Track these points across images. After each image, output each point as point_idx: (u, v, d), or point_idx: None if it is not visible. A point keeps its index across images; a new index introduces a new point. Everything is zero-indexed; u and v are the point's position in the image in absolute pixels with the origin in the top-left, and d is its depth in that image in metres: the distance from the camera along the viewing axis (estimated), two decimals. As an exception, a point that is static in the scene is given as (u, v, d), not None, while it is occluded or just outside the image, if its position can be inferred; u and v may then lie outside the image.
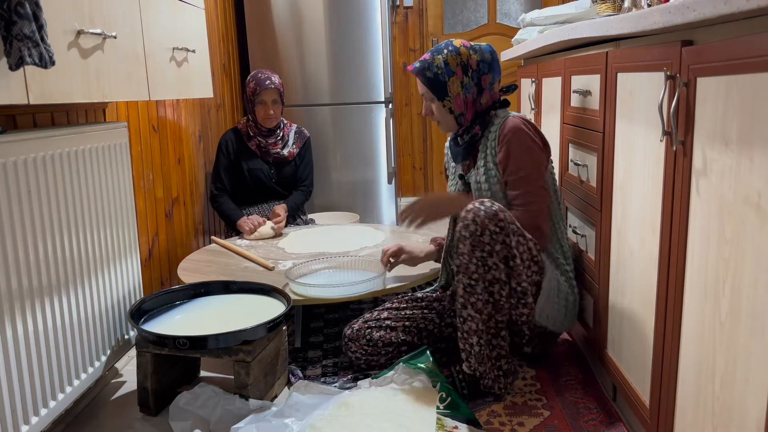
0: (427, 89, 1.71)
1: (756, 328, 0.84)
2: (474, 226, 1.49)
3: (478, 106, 1.71)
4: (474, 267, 1.51)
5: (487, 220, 1.49)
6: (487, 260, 1.51)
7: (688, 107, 1.03)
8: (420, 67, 1.70)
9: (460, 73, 1.67)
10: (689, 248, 1.05)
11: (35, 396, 1.35)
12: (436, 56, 1.69)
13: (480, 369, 1.56)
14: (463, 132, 1.74)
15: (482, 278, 1.51)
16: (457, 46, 1.69)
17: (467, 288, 1.53)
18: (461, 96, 1.69)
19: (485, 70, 1.69)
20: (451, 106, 1.70)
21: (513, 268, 1.54)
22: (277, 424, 1.42)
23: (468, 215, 1.51)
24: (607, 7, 1.81)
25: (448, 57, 1.67)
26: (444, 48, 1.69)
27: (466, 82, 1.68)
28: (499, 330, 1.56)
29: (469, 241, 1.50)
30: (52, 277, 1.42)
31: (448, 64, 1.67)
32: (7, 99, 1.02)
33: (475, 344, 1.54)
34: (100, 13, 1.32)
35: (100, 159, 1.64)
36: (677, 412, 1.12)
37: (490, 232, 1.49)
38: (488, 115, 1.73)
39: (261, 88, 2.62)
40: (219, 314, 1.71)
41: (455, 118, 1.72)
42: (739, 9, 0.78)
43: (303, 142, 2.84)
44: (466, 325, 1.55)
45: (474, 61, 1.68)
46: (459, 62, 1.67)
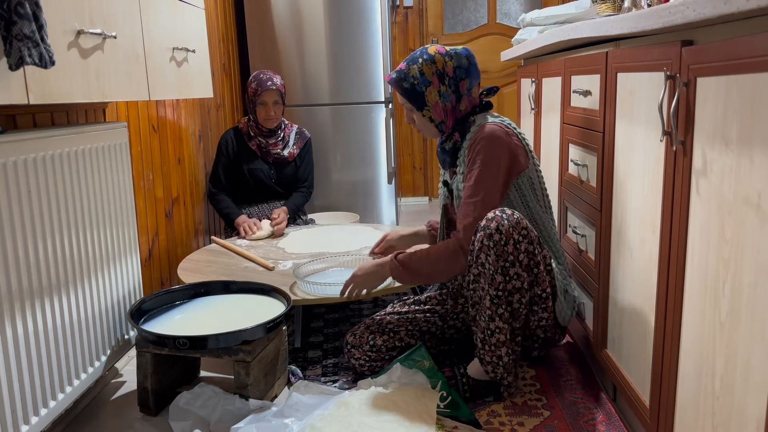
0: (404, 100, 1.68)
1: (756, 328, 0.84)
2: (499, 236, 1.46)
3: (458, 113, 1.68)
4: (500, 278, 1.48)
5: (511, 228, 1.46)
6: (509, 270, 1.48)
7: (688, 107, 1.03)
8: (396, 78, 1.66)
9: (436, 82, 1.63)
10: (689, 248, 1.05)
11: (35, 396, 1.35)
12: (411, 66, 1.64)
13: (509, 379, 1.57)
14: (446, 138, 1.71)
15: (504, 289, 1.50)
16: (432, 53, 1.64)
17: (494, 299, 1.50)
18: (440, 104, 1.65)
19: (462, 75, 1.64)
20: (431, 115, 1.67)
21: (537, 275, 1.54)
22: (277, 424, 1.42)
23: (491, 224, 1.47)
24: (607, 7, 1.81)
25: (423, 66, 1.63)
26: (419, 57, 1.65)
27: (443, 90, 1.64)
28: (514, 337, 1.56)
29: (494, 251, 1.47)
30: (52, 277, 1.42)
31: (423, 74, 1.63)
32: (7, 99, 1.02)
33: (504, 355, 1.54)
34: (100, 13, 1.32)
35: (100, 159, 1.64)
36: (677, 412, 1.12)
37: (514, 241, 1.47)
38: (467, 121, 1.69)
39: (262, 88, 2.62)
40: (219, 314, 1.71)
41: (436, 126, 1.69)
42: (739, 9, 0.78)
43: (304, 143, 2.84)
44: (495, 338, 1.53)
45: (450, 67, 1.63)
46: (434, 71, 1.62)
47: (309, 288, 1.82)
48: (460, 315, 1.81)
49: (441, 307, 1.81)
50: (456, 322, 1.81)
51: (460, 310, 1.82)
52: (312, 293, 1.81)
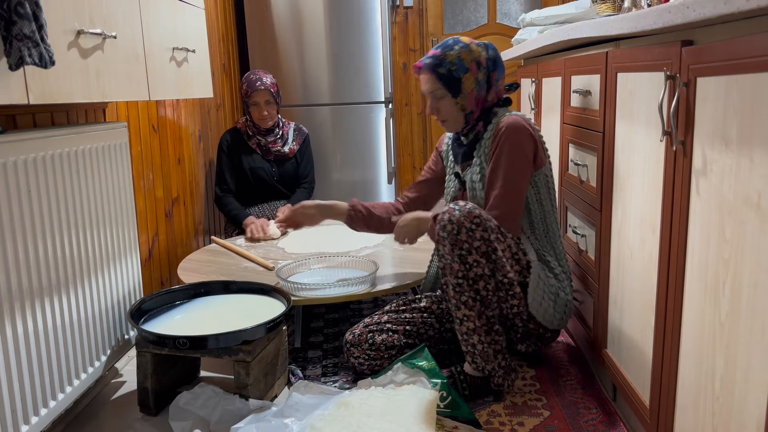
0: (440, 85, 1.65)
1: (756, 328, 0.84)
2: (451, 226, 1.51)
3: (485, 104, 1.70)
4: (457, 266, 1.52)
5: (462, 218, 1.50)
6: (467, 258, 1.51)
7: (688, 107, 1.03)
8: (432, 63, 1.65)
9: (474, 69, 1.65)
10: (689, 248, 1.05)
11: (35, 396, 1.35)
12: (447, 52, 1.64)
13: (488, 367, 1.57)
14: (468, 131, 1.72)
15: (465, 277, 1.52)
16: (467, 42, 1.67)
17: (456, 288, 1.53)
18: (474, 93, 1.66)
19: (492, 67, 1.68)
20: (464, 104, 1.67)
21: (496, 261, 1.55)
22: (277, 424, 1.42)
23: (444, 216, 1.53)
24: (607, 7, 1.81)
25: (461, 53, 1.64)
26: (454, 44, 1.66)
27: (480, 78, 1.66)
28: (491, 326, 1.56)
29: (448, 240, 1.51)
30: (52, 277, 1.42)
31: (462, 60, 1.64)
32: (7, 99, 1.02)
33: (477, 343, 1.55)
34: (100, 13, 1.32)
35: (100, 159, 1.64)
36: (677, 412, 1.12)
37: (466, 229, 1.50)
38: (491, 112, 1.71)
39: (252, 89, 2.62)
40: (219, 314, 1.71)
41: (465, 116, 1.69)
42: (739, 9, 0.78)
43: (302, 138, 2.85)
44: (464, 326, 1.55)
45: (483, 57, 1.66)
46: (472, 58, 1.64)
47: (291, 288, 1.83)
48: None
49: (437, 308, 1.82)
50: (452, 325, 1.81)
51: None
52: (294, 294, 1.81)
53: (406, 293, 2.26)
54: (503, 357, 1.59)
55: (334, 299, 1.82)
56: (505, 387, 1.60)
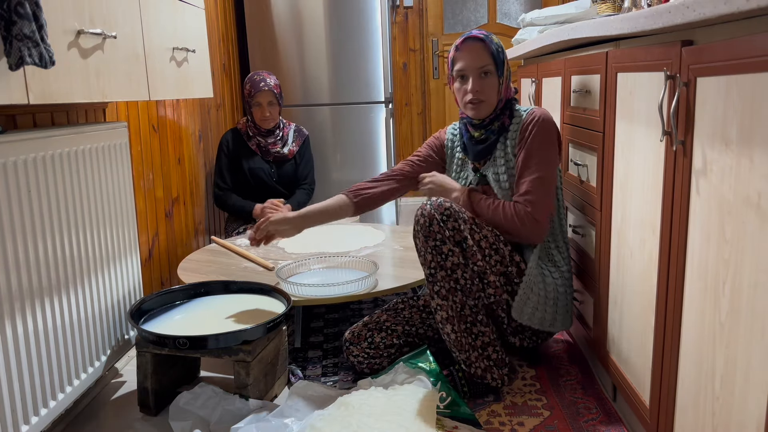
0: (491, 61, 1.66)
1: (756, 328, 0.84)
2: (423, 219, 1.56)
3: (508, 94, 1.74)
4: (431, 257, 1.56)
5: (433, 210, 1.56)
6: (441, 248, 1.55)
7: (688, 107, 1.03)
8: (487, 37, 1.68)
9: (506, 59, 1.72)
10: (689, 248, 1.05)
11: (35, 396, 1.35)
12: (491, 36, 1.69)
13: (462, 357, 1.59)
14: (492, 119, 1.70)
15: (441, 266, 1.56)
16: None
17: (429, 278, 1.58)
18: (507, 79, 1.71)
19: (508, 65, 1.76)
20: (502, 87, 1.70)
21: (466, 249, 1.58)
22: (277, 424, 1.42)
23: (418, 212, 1.58)
24: (607, 7, 1.81)
25: (498, 41, 1.70)
26: (489, 34, 1.71)
27: (509, 67, 1.73)
28: (475, 316, 1.59)
29: (422, 233, 1.56)
30: (52, 277, 1.42)
31: (502, 47, 1.70)
32: (7, 99, 1.02)
33: (450, 332, 1.58)
34: (100, 13, 1.32)
35: (100, 159, 1.64)
36: (677, 412, 1.12)
37: (437, 221, 1.55)
38: (512, 105, 1.73)
39: (255, 90, 2.62)
40: (219, 314, 1.71)
41: (498, 101, 1.70)
42: (739, 9, 0.78)
43: (302, 140, 2.84)
44: (438, 315, 1.59)
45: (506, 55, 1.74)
46: (503, 50, 1.71)
47: (290, 288, 1.83)
48: None
49: None
50: None
51: None
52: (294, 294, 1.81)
53: (406, 293, 2.26)
54: (494, 349, 1.59)
55: (334, 299, 1.82)
56: (491, 381, 1.60)
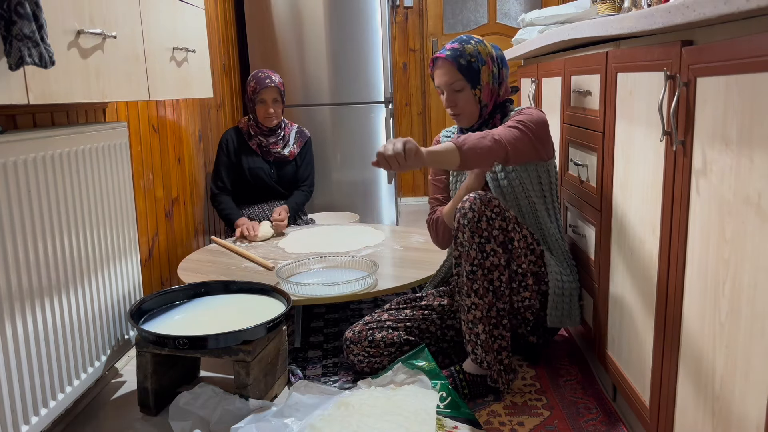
0: (460, 77, 1.68)
1: (756, 328, 0.84)
2: (471, 213, 1.54)
3: (497, 99, 1.74)
4: (474, 253, 1.55)
5: (483, 206, 1.54)
6: (485, 246, 1.55)
7: (688, 107, 1.03)
8: (453, 54, 1.68)
9: (489, 63, 1.70)
10: (689, 248, 1.05)
11: (35, 396, 1.35)
12: (465, 45, 1.69)
13: (487, 359, 1.58)
14: (480, 124, 1.73)
15: (481, 265, 1.55)
16: (480, 38, 1.73)
17: (470, 275, 1.56)
18: (490, 85, 1.70)
19: (501, 64, 1.74)
20: (481, 95, 1.70)
21: (512, 251, 1.59)
22: (277, 424, 1.42)
23: (465, 204, 1.56)
24: (607, 7, 1.82)
25: (477, 46, 1.69)
26: (469, 39, 1.71)
27: (495, 71, 1.71)
28: (500, 319, 1.58)
29: (468, 227, 1.54)
30: (52, 277, 1.42)
31: (479, 53, 1.69)
32: (7, 99, 1.02)
33: (481, 332, 1.56)
34: (100, 13, 1.32)
35: (100, 159, 1.64)
36: (677, 412, 1.12)
37: (486, 217, 1.54)
38: (505, 107, 1.75)
39: (261, 86, 2.62)
40: (219, 314, 1.71)
41: (480, 110, 1.71)
42: (739, 9, 0.78)
43: (304, 141, 2.84)
44: (471, 314, 1.57)
45: (494, 54, 1.72)
46: (487, 52, 1.70)
47: (290, 288, 1.83)
48: (457, 314, 1.82)
49: (439, 305, 1.82)
50: (454, 321, 1.81)
51: (456, 308, 1.82)
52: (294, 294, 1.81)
53: (406, 293, 2.26)
54: (507, 355, 1.59)
55: (334, 299, 1.82)
56: (501, 384, 1.60)
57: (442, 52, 1.70)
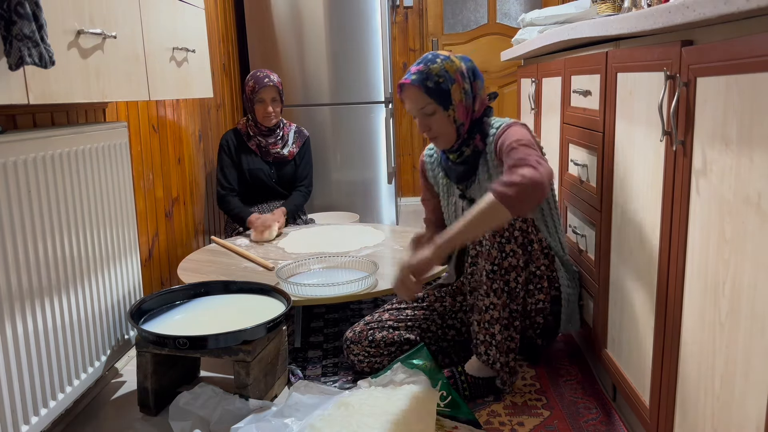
0: (430, 100, 1.59)
1: (756, 329, 0.84)
2: None
3: (473, 115, 1.65)
4: (495, 252, 1.54)
5: None
6: (505, 246, 1.54)
7: (688, 107, 1.03)
8: (418, 78, 1.59)
9: (459, 80, 1.60)
10: (689, 248, 1.05)
11: (35, 396, 1.35)
12: (430, 66, 1.59)
13: (501, 360, 1.57)
14: (460, 144, 1.66)
15: (500, 265, 1.54)
16: (446, 54, 1.63)
17: (489, 274, 1.55)
18: (463, 103, 1.61)
19: (473, 77, 1.64)
20: (455, 116, 1.61)
21: (531, 253, 1.58)
22: (277, 424, 1.42)
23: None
24: (607, 7, 1.82)
25: (444, 64, 1.59)
26: (434, 57, 1.61)
27: (467, 87, 1.62)
28: (512, 321, 1.57)
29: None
30: (52, 277, 1.42)
31: (447, 71, 1.59)
32: (7, 99, 1.02)
33: (497, 333, 1.56)
34: (100, 13, 1.32)
35: (100, 159, 1.64)
36: (677, 412, 1.12)
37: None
38: (482, 122, 1.66)
39: (259, 86, 2.62)
40: (219, 314, 1.71)
41: (456, 129, 1.63)
42: (739, 9, 0.78)
43: (303, 141, 2.84)
44: (488, 314, 1.56)
45: (464, 68, 1.62)
46: (456, 69, 1.60)
47: (290, 288, 1.83)
48: (458, 314, 1.81)
49: (440, 305, 1.82)
50: (455, 321, 1.81)
51: (458, 308, 1.82)
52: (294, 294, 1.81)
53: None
54: (513, 357, 1.59)
55: (334, 299, 1.82)
56: (507, 388, 1.61)
57: (407, 77, 1.60)
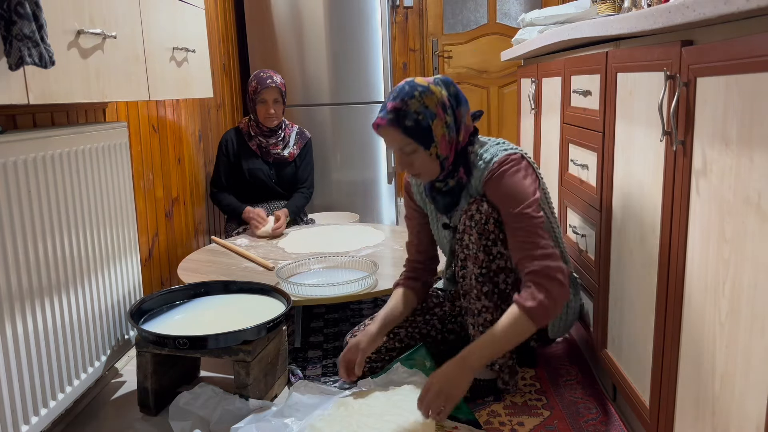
0: (409, 140, 1.45)
1: (756, 328, 0.84)
2: (479, 215, 1.50)
3: (458, 145, 1.52)
4: (482, 256, 1.52)
5: (490, 209, 1.50)
6: (492, 249, 1.52)
7: (688, 107, 1.03)
8: (394, 117, 1.44)
9: (441, 113, 1.45)
10: (689, 248, 1.05)
11: (35, 396, 1.35)
12: (407, 101, 1.43)
13: (500, 362, 1.57)
14: (445, 176, 1.54)
15: (488, 268, 1.53)
16: (425, 84, 1.46)
17: (478, 278, 1.54)
18: (446, 137, 1.47)
19: (455, 104, 1.50)
20: (438, 152, 1.47)
21: None
22: (277, 424, 1.42)
23: (472, 206, 1.51)
24: (607, 7, 1.82)
25: (423, 98, 1.44)
26: (411, 90, 1.45)
27: (449, 120, 1.47)
28: None
29: (476, 229, 1.51)
30: (52, 277, 1.42)
31: (427, 106, 1.44)
32: (7, 99, 1.02)
33: None
34: (100, 13, 1.32)
35: (100, 159, 1.64)
36: (677, 412, 1.12)
37: (494, 219, 1.50)
38: (467, 152, 1.55)
39: (262, 86, 2.62)
40: (219, 314, 1.71)
41: (440, 164, 1.50)
42: (739, 9, 0.78)
43: (304, 143, 2.84)
44: (482, 317, 1.55)
45: (446, 96, 1.48)
46: (436, 101, 1.45)
47: (290, 288, 1.83)
48: (458, 318, 1.81)
49: (440, 309, 1.81)
50: (455, 326, 1.81)
51: (457, 312, 1.81)
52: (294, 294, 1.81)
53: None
54: (511, 356, 1.59)
55: (334, 299, 1.82)
56: (510, 387, 1.61)
57: (383, 115, 1.45)
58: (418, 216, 1.75)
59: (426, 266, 1.76)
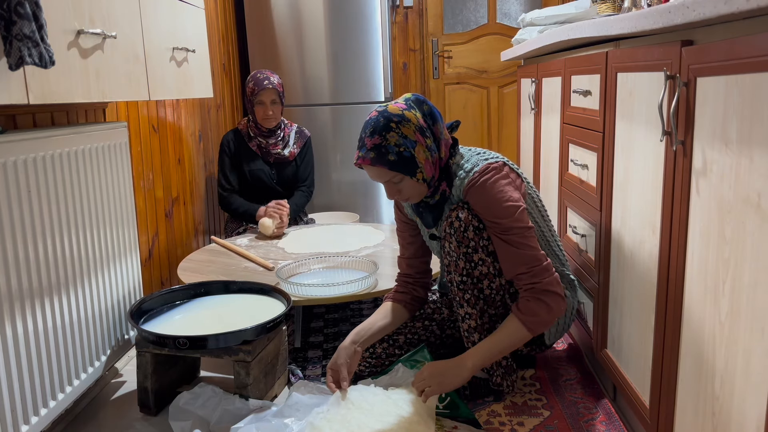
0: (394, 173, 1.46)
1: (756, 328, 0.84)
2: (458, 223, 1.50)
3: (441, 162, 1.53)
4: (462, 263, 1.52)
5: (470, 216, 1.50)
6: (473, 256, 1.52)
7: (688, 107, 1.03)
8: (376, 155, 1.43)
9: (421, 138, 1.46)
10: (689, 248, 1.05)
11: (35, 396, 1.35)
12: (386, 134, 1.43)
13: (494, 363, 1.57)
14: (432, 193, 1.55)
15: (470, 275, 1.53)
16: (399, 112, 1.45)
17: (460, 285, 1.54)
18: (429, 160, 1.48)
19: (431, 122, 1.50)
20: (423, 176, 1.48)
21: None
22: (277, 424, 1.42)
23: (452, 214, 1.52)
24: (607, 7, 1.82)
25: (401, 129, 1.44)
26: (387, 122, 1.44)
27: (429, 143, 1.48)
28: (493, 324, 1.57)
29: (455, 237, 1.51)
30: (52, 277, 1.42)
31: (406, 137, 1.44)
32: (7, 99, 1.02)
33: (477, 341, 1.55)
34: (100, 13, 1.32)
35: (100, 159, 1.64)
36: (677, 412, 1.12)
37: (474, 227, 1.50)
38: (449, 167, 1.55)
39: (259, 88, 2.62)
40: (219, 314, 1.71)
41: (427, 185, 1.51)
42: (739, 9, 0.78)
43: (304, 142, 2.84)
44: (466, 323, 1.56)
45: (421, 118, 1.47)
46: (414, 128, 1.45)
47: (290, 288, 1.83)
48: (456, 323, 1.81)
49: (438, 315, 1.81)
50: (453, 331, 1.81)
51: (455, 317, 1.81)
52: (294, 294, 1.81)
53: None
54: (503, 357, 1.59)
55: (334, 300, 1.82)
56: (505, 387, 1.60)
57: (364, 154, 1.45)
58: (409, 228, 1.75)
59: (416, 280, 1.76)
